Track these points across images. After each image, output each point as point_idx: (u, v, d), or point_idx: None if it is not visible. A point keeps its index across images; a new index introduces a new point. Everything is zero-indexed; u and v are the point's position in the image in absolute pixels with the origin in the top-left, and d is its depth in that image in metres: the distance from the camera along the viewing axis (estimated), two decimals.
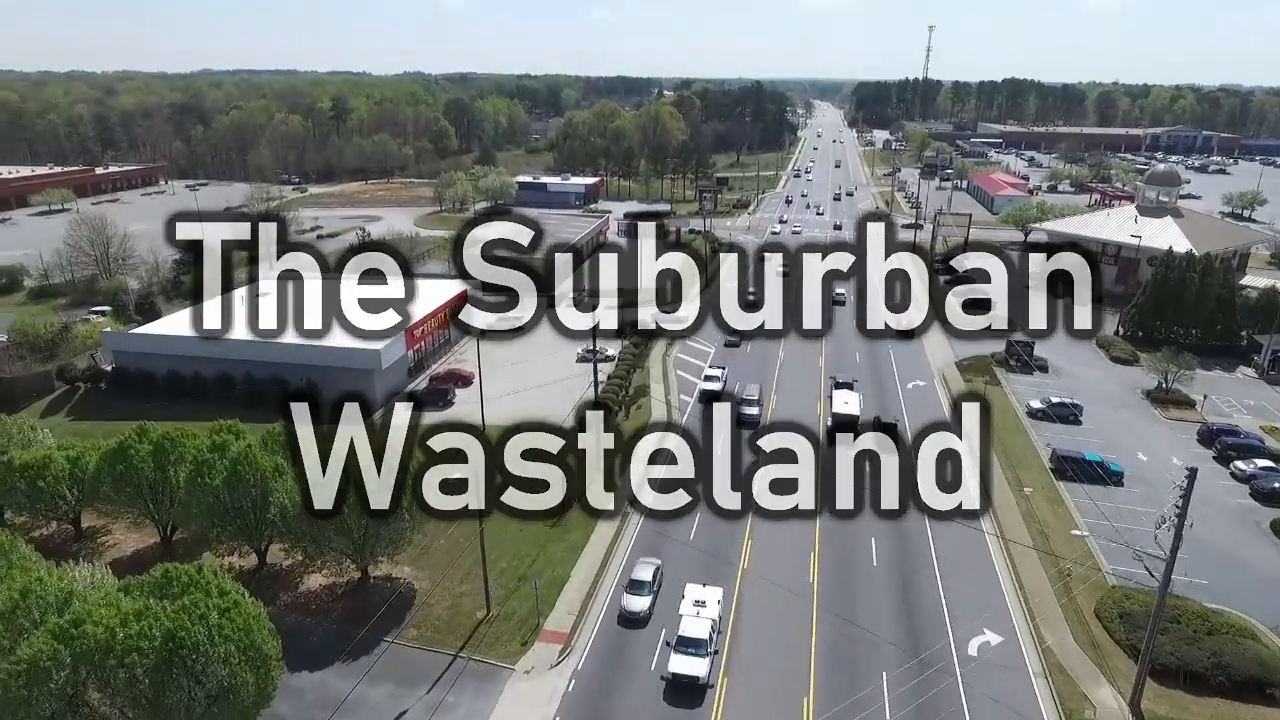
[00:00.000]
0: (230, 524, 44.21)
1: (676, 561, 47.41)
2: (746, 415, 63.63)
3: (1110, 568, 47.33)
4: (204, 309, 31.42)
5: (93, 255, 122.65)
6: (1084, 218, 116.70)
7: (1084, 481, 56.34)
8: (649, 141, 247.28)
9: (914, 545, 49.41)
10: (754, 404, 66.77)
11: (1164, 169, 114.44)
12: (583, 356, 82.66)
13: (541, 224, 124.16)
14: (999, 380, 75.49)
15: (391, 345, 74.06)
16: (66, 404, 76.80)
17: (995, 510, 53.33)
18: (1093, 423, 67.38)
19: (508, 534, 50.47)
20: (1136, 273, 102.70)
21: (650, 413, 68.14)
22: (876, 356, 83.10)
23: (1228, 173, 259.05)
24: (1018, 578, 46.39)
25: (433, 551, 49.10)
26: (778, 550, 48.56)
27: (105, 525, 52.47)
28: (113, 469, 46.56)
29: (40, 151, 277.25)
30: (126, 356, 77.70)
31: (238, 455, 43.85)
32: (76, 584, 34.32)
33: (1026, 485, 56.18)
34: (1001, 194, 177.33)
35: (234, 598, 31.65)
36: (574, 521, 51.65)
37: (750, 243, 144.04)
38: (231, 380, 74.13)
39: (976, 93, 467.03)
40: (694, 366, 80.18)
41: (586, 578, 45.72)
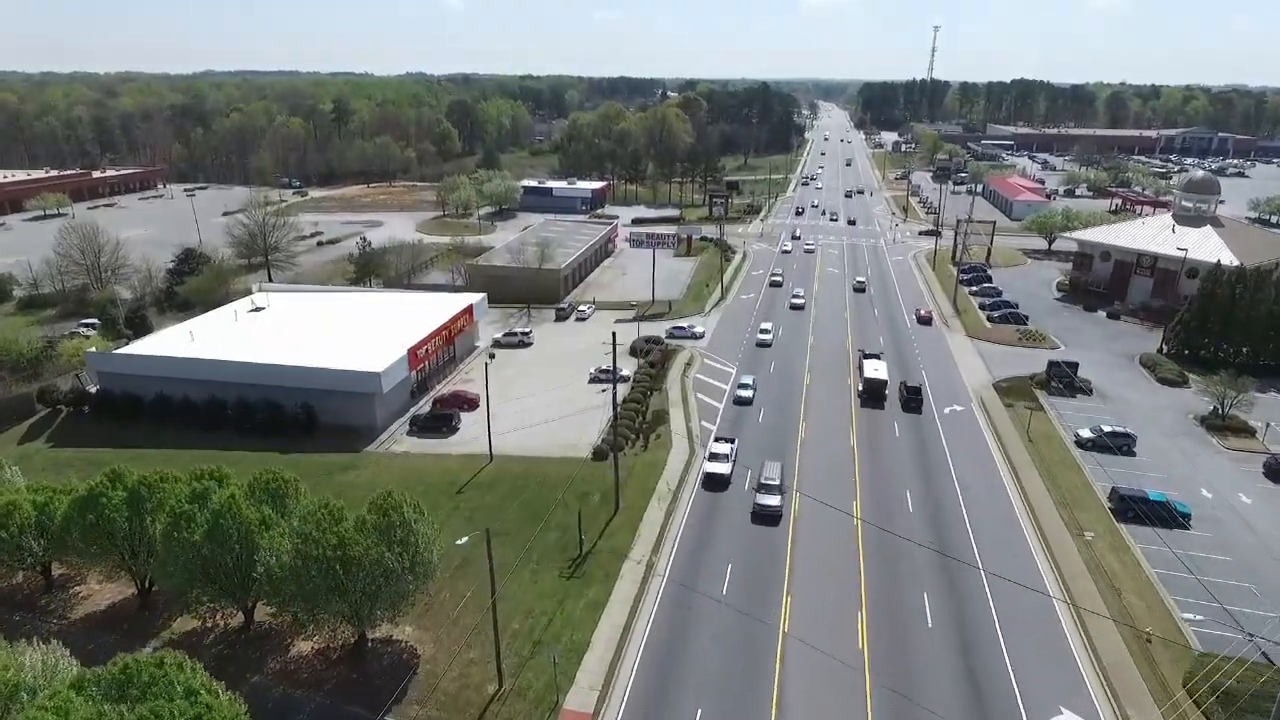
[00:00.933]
0: (211, 583, 39.51)
1: (707, 624, 42.64)
2: (765, 508, 52.24)
3: (1192, 627, 42.45)
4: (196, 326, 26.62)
5: (83, 264, 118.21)
6: (1117, 227, 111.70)
7: (1149, 524, 51.47)
8: (655, 144, 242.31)
9: (971, 601, 44.58)
10: (774, 490, 53.65)
11: (1201, 175, 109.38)
12: (595, 376, 78.01)
13: (548, 232, 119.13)
14: (1041, 404, 70.51)
15: (393, 367, 69.34)
16: (48, 429, 72.15)
17: (1055, 559, 48.53)
18: (1147, 454, 62.44)
19: (520, 585, 45.83)
20: (1175, 285, 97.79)
21: (669, 445, 63.12)
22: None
23: (1246, 176, 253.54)
24: (1089, 641, 41.48)
25: (437, 607, 44.36)
26: (821, 609, 43.76)
27: (79, 573, 47.81)
28: (82, 518, 41.91)
29: (38, 154, 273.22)
30: (111, 378, 73.06)
31: (220, 507, 39.16)
32: (25, 672, 29.58)
33: (1086, 529, 51.27)
34: (1020, 199, 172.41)
35: (205, 700, 26.90)
36: (593, 572, 47.09)
37: (763, 252, 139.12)
38: (222, 404, 69.47)
39: (985, 94, 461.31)
40: (714, 389, 75.36)
41: (609, 644, 40.87)
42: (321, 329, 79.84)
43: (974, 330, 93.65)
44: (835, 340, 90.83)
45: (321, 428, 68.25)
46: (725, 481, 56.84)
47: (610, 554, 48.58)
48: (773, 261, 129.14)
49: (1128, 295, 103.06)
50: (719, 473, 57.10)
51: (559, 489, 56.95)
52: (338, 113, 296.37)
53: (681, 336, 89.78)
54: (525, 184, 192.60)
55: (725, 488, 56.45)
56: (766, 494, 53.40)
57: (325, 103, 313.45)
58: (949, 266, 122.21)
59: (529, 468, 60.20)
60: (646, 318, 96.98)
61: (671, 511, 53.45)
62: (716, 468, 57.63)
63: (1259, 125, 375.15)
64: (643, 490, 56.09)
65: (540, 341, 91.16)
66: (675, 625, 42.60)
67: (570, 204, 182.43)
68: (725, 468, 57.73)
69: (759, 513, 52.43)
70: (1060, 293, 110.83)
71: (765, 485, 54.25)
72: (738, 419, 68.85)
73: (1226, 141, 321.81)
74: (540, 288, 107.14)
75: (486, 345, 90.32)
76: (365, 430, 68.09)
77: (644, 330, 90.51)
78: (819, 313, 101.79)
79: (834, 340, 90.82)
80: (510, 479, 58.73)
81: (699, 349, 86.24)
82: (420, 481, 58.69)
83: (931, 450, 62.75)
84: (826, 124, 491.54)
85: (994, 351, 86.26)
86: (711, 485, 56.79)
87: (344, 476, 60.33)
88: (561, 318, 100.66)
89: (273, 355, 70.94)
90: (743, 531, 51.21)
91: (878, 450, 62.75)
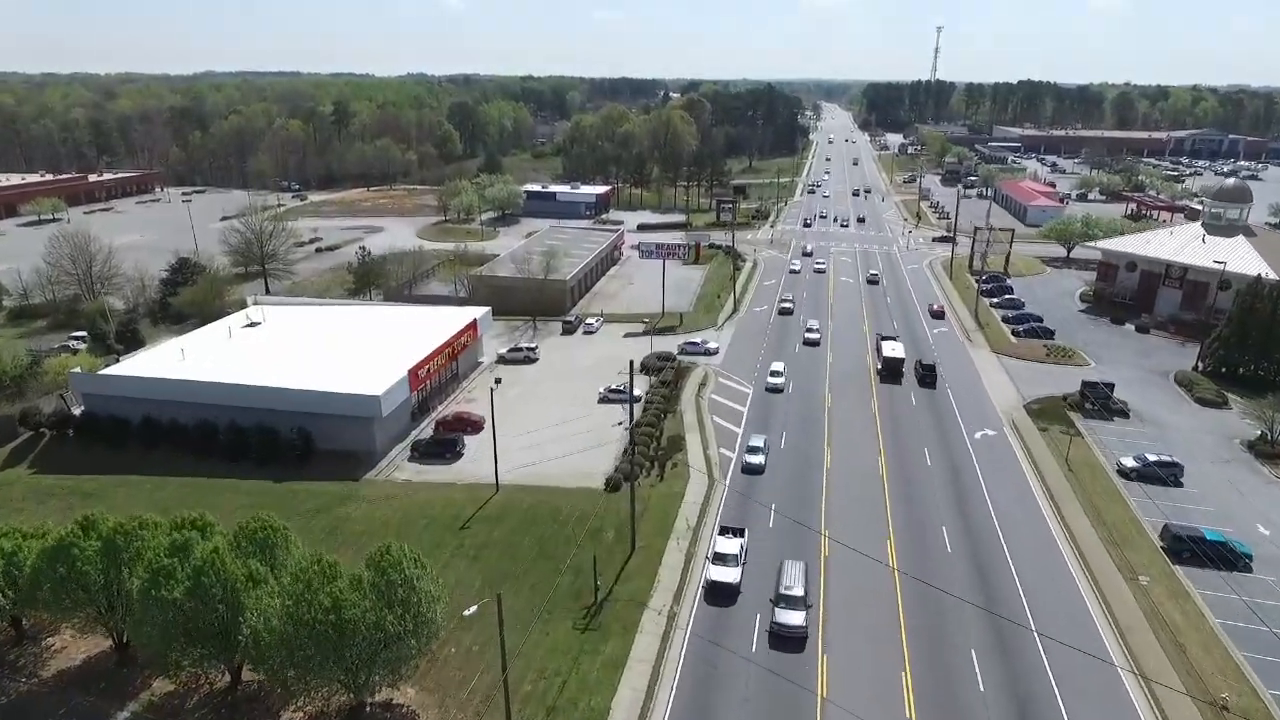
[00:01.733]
0: (193, 645, 35.88)
1: (736, 687, 39.01)
2: (786, 628, 41.77)
3: (1270, 690, 38.75)
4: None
5: (75, 274, 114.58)
6: (1144, 236, 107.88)
7: (1208, 566, 47.79)
8: (659, 147, 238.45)
9: (1023, 657, 40.89)
10: (798, 604, 42.72)
11: (1233, 183, 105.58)
12: (605, 396, 74.36)
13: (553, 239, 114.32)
14: (1078, 428, 66.78)
15: (394, 389, 65.69)
16: (30, 453, 68.54)
17: (1110, 607, 44.84)
18: (1195, 484, 58.74)
19: (531, 638, 42.17)
20: (1206, 297, 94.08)
21: (687, 475, 59.38)
22: (937, 401, 74.56)
23: (1259, 178, 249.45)
24: (1158, 706, 37.83)
25: (441, 664, 40.73)
26: (861, 669, 40.09)
27: (52, 624, 44.16)
28: (53, 570, 38.32)
29: (34, 157, 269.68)
30: (97, 400, 69.47)
31: (202, 563, 35.52)
32: None
33: (1140, 573, 47.59)
34: (1035, 204, 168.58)
35: None
36: (610, 624, 43.42)
37: (774, 260, 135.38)
38: (214, 428, 65.84)
39: (991, 95, 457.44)
40: (731, 411, 71.64)
41: (631, 709, 37.20)
42: (318, 346, 76.17)
43: (998, 345, 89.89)
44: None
45: (318, 453, 64.61)
46: (734, 592, 45.37)
47: (628, 603, 44.90)
48: (782, 284, 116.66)
49: (1155, 307, 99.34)
50: (726, 581, 45.43)
51: (570, 524, 53.36)
52: (338, 115, 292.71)
53: (694, 352, 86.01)
54: (528, 188, 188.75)
55: (733, 600, 45.07)
56: (788, 609, 42.47)
57: (325, 104, 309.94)
58: (966, 276, 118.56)
59: (538, 499, 56.56)
60: (657, 331, 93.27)
61: (692, 554, 49.70)
62: (723, 574, 45.88)
63: (1269, 126, 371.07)
64: (660, 527, 52.41)
65: (546, 357, 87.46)
66: (701, 688, 38.97)
67: (574, 209, 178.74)
68: (733, 574, 45.91)
69: (778, 633, 41.82)
70: (1084, 304, 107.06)
71: (785, 597, 43.14)
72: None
73: (1237, 143, 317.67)
74: (545, 299, 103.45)
75: (490, 361, 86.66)
76: (364, 456, 64.46)
77: (655, 345, 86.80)
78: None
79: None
80: (518, 512, 55.09)
81: (713, 366, 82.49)
82: (423, 515, 55.17)
83: (965, 480, 59.04)
84: (830, 125, 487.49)
85: (1021, 368, 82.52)
86: (716, 597, 45.28)
87: (341, 509, 56.75)
88: (568, 331, 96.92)
89: (267, 376, 67.23)
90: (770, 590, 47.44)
91: (911, 481, 59.04)
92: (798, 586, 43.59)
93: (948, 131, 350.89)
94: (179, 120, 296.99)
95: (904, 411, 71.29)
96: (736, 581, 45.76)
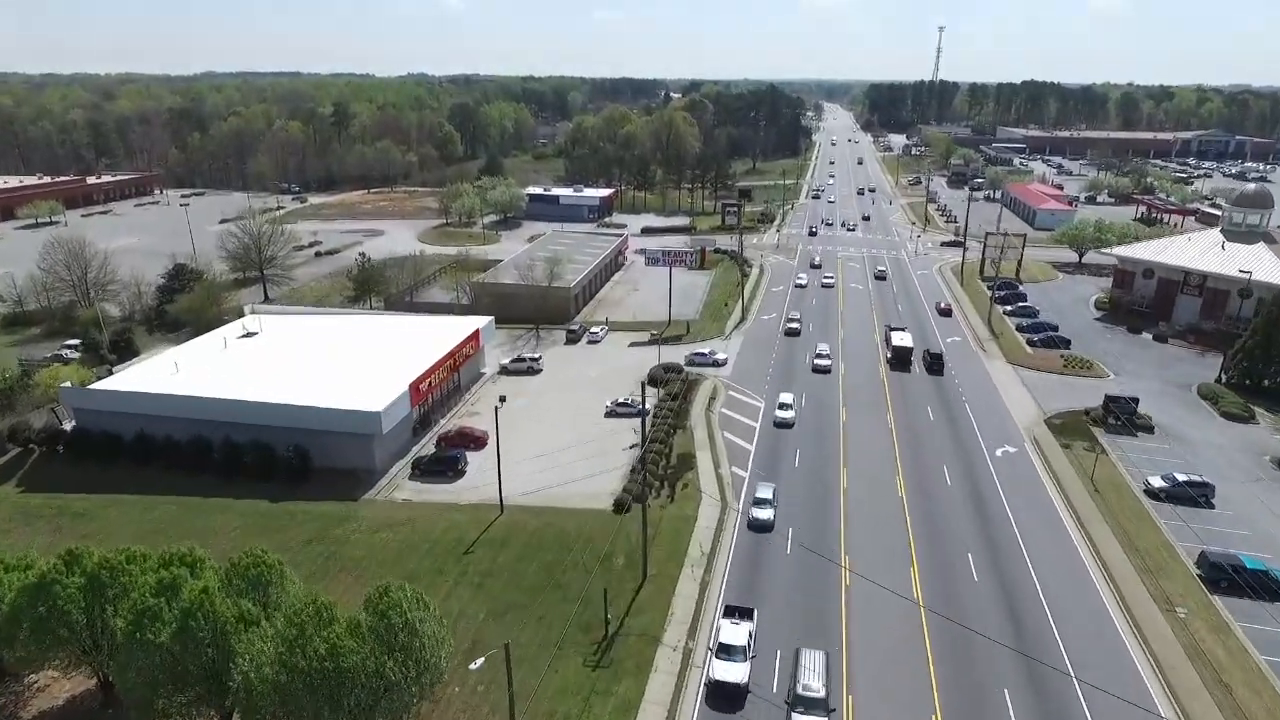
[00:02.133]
0: (181, 691, 33.69)
1: None
2: None
3: None
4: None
5: (69, 280, 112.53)
6: (1162, 242, 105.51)
7: (1249, 596, 45.56)
8: (662, 148, 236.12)
9: (1060, 700, 38.66)
10: (818, 709, 36.25)
11: (1254, 188, 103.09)
12: (612, 410, 72.17)
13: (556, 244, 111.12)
14: (1102, 445, 64.54)
15: (394, 404, 63.51)
16: (19, 470, 66.38)
17: (1148, 642, 42.62)
18: (1226, 505, 56.49)
19: (538, 676, 39.94)
20: (1226, 306, 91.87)
21: (698, 497, 57.11)
22: (954, 416, 72.34)
23: (1269, 180, 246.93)
24: None
25: (444, 707, 38.54)
26: (889, 706, 37.89)
27: (35, 662, 41.88)
28: (33, 609, 36.09)
29: (33, 159, 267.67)
30: (88, 415, 67.37)
31: (190, 604, 33.31)
32: None
33: (1178, 604, 45.36)
34: (1044, 207, 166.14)
35: None
36: (623, 661, 41.20)
37: (781, 265, 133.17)
38: (208, 445, 63.69)
39: (995, 95, 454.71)
40: (743, 427, 69.39)
41: None
42: (316, 358, 74.01)
43: (1013, 355, 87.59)
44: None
45: (316, 471, 62.42)
46: (741, 694, 38.15)
47: (641, 637, 42.69)
48: (787, 300, 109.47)
49: (1173, 315, 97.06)
50: (732, 682, 38.11)
51: (577, 548, 51.16)
52: (338, 116, 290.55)
53: (702, 364, 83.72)
54: (530, 191, 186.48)
55: (740, 703, 37.97)
56: (806, 714, 36.18)
57: (325, 105, 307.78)
58: (978, 282, 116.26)
59: (544, 521, 54.36)
60: (664, 340, 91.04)
61: (707, 584, 47.50)
62: (728, 672, 38.41)
63: (1274, 126, 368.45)
64: (672, 553, 50.20)
65: (550, 368, 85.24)
66: None
67: (577, 212, 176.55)
68: (741, 672, 38.50)
69: None
70: (1099, 311, 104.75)
71: (804, 699, 36.69)
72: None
73: (1244, 144, 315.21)
74: (549, 307, 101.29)
75: (493, 372, 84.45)
76: (363, 474, 62.29)
77: (662, 355, 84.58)
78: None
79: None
80: (524, 535, 52.89)
81: (722, 378, 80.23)
82: (424, 539, 52.95)
83: (988, 502, 56.78)
84: (831, 126, 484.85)
85: (1038, 380, 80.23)
86: (720, 700, 38.11)
87: (339, 530, 54.58)
88: (572, 340, 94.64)
89: (263, 390, 65.07)
90: (789, 622, 45.21)
91: (932, 498, 56.86)
92: (817, 684, 37.08)
93: (951, 132, 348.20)
94: (178, 122, 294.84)
95: (922, 427, 69.03)
96: (744, 681, 38.36)
